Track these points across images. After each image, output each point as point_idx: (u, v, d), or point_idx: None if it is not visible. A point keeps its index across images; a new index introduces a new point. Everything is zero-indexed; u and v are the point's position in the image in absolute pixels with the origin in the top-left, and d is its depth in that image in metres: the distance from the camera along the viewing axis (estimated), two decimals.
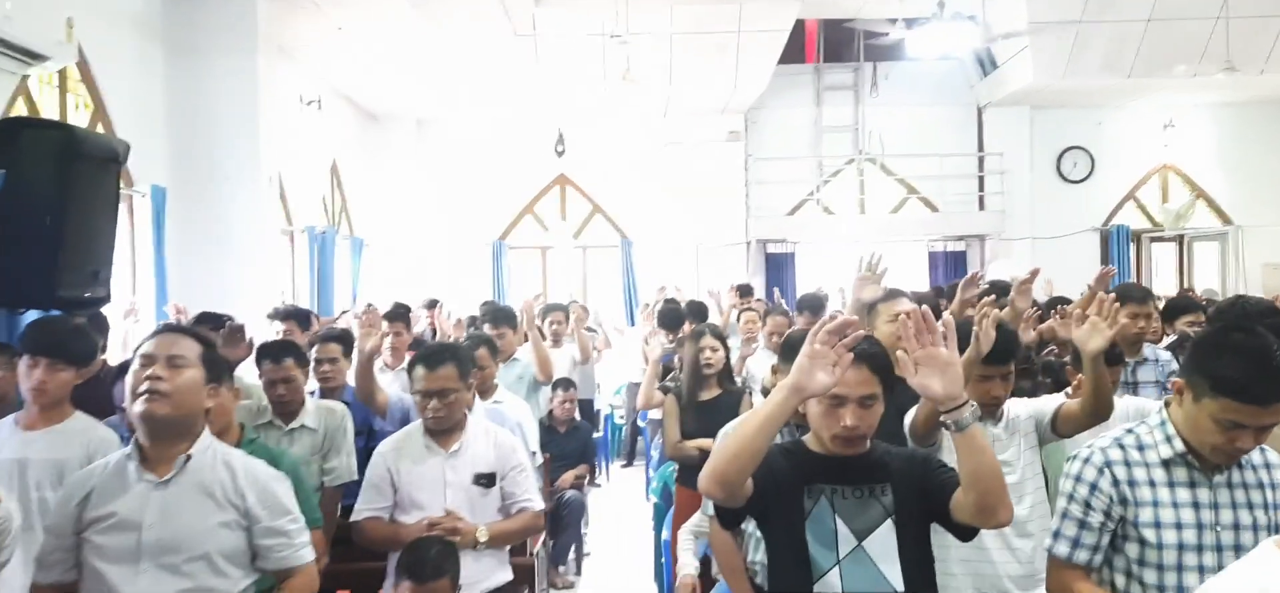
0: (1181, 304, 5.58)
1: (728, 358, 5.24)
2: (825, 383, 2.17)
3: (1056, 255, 12.10)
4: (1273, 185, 12.79)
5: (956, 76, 12.67)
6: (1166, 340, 5.14)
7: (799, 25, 11.74)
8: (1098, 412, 3.07)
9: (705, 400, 5.07)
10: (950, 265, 12.89)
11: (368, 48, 9.46)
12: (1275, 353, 2.14)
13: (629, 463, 10.45)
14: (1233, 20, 10.23)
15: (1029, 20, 10.34)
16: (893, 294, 4.20)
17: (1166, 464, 2.33)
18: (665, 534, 5.26)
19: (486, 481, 3.49)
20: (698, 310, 9.01)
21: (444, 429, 3.50)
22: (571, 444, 7.28)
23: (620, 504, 8.92)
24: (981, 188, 12.93)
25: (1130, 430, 2.42)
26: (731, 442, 2.22)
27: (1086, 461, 2.39)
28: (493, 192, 12.54)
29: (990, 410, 3.14)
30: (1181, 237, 13.18)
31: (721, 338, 5.26)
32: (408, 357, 6.14)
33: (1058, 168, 13.00)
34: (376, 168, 12.06)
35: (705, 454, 4.92)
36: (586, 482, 7.45)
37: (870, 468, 2.38)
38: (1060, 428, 3.17)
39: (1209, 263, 13.29)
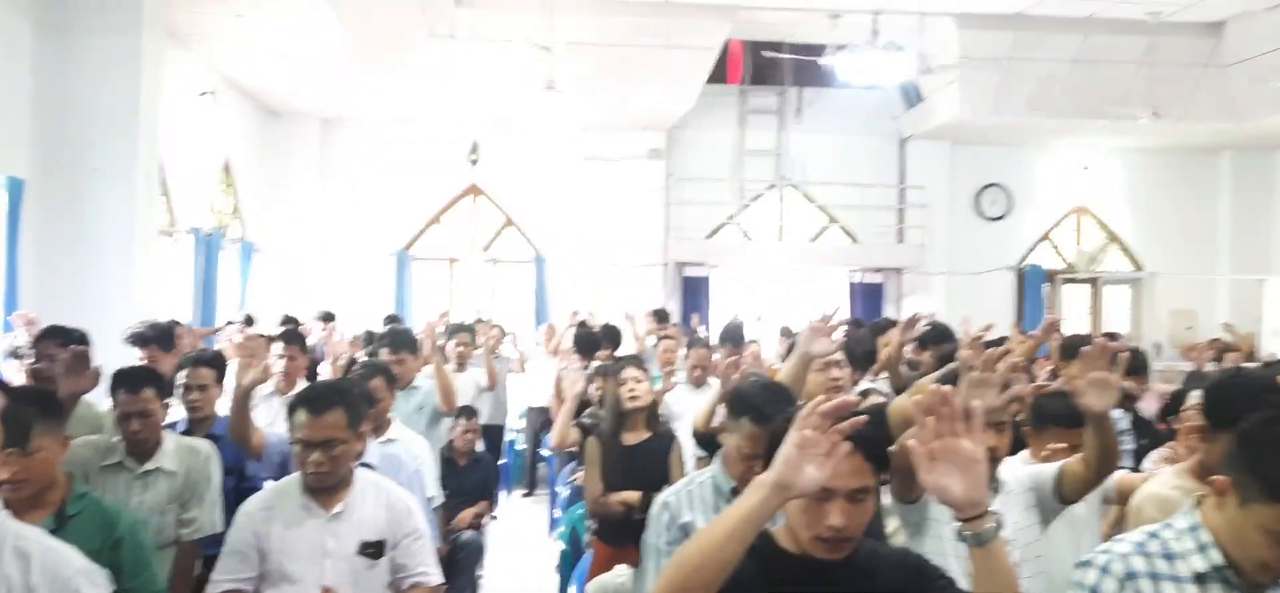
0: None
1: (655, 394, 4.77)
2: (815, 479, 1.74)
3: (972, 292, 12.05)
4: (1183, 233, 12.94)
5: (881, 107, 12.50)
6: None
7: (724, 47, 11.44)
8: (1103, 470, 2.83)
9: (631, 445, 4.58)
10: (867, 298, 12.69)
11: (271, 39, 8.74)
12: None
13: (529, 492, 9.92)
14: (1156, 66, 10.27)
15: (960, 54, 10.20)
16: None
17: (1200, 579, 1.95)
18: (573, 591, 4.76)
19: (374, 551, 2.93)
20: (612, 335, 8.61)
21: (326, 487, 2.95)
22: (472, 478, 6.69)
23: (519, 538, 8.43)
24: (901, 220, 12.79)
25: (1154, 535, 2.04)
26: (693, 552, 1.76)
27: (1104, 570, 2.00)
28: (400, 199, 11.88)
29: None
30: (1094, 279, 13.25)
31: (646, 372, 4.79)
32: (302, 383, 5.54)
33: (976, 204, 12.94)
34: (275, 168, 11.31)
35: (630, 509, 4.48)
36: (486, 518, 6.90)
37: (855, 575, 1.93)
38: (1067, 493, 2.85)
39: (1120, 307, 13.39)
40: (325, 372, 6.13)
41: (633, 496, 4.43)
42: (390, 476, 3.60)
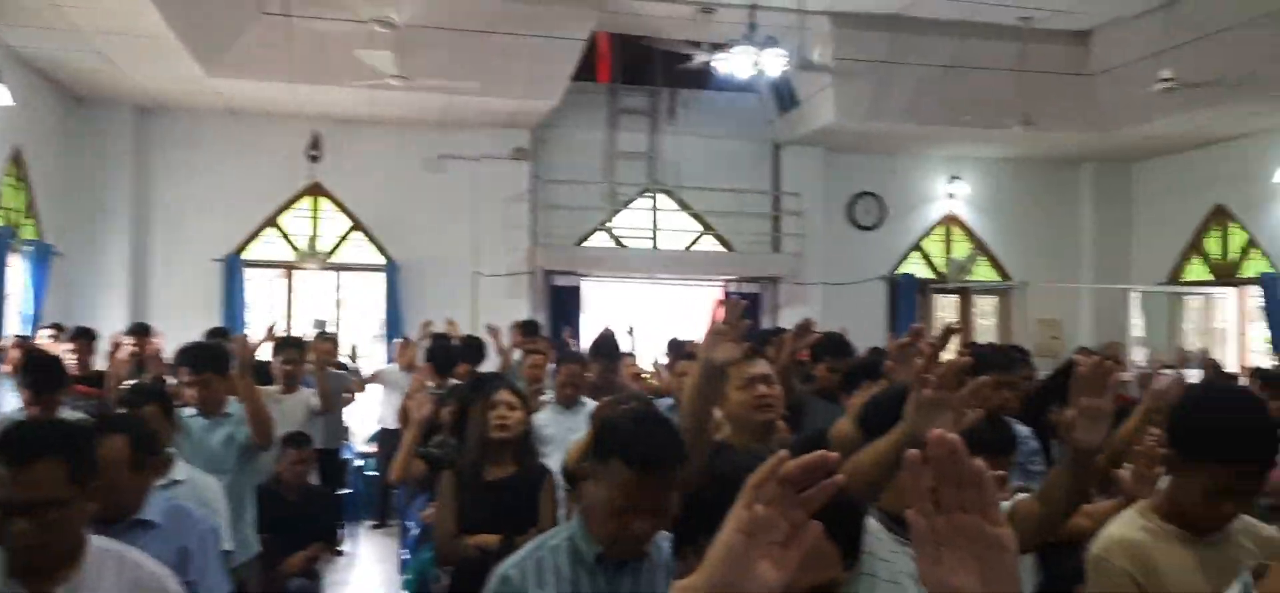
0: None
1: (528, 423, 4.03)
2: (773, 583, 1.02)
3: (847, 303, 11.73)
4: (1050, 243, 12.96)
5: (755, 111, 12.07)
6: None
7: (593, 43, 10.77)
8: (1068, 516, 2.43)
9: (495, 480, 3.86)
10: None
11: (74, 12, 7.51)
12: None
13: (380, 523, 9.01)
14: (1027, 74, 10.13)
15: (835, 56, 9.81)
16: (749, 352, 3.13)
17: None
18: None
19: None
20: (473, 349, 7.88)
21: (38, 568, 2.06)
22: (304, 515, 5.79)
23: (369, 575, 7.64)
24: (777, 228, 12.35)
25: None
26: None
27: None
28: (229, 199, 10.65)
29: None
30: (964, 289, 13.13)
31: (521, 397, 4.07)
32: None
33: (850, 213, 12.66)
34: (80, 161, 9.98)
35: (487, 554, 3.71)
36: (322, 560, 5.98)
37: None
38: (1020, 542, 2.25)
39: (988, 317, 13.34)
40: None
41: (491, 538, 3.75)
42: (179, 535, 2.82)
